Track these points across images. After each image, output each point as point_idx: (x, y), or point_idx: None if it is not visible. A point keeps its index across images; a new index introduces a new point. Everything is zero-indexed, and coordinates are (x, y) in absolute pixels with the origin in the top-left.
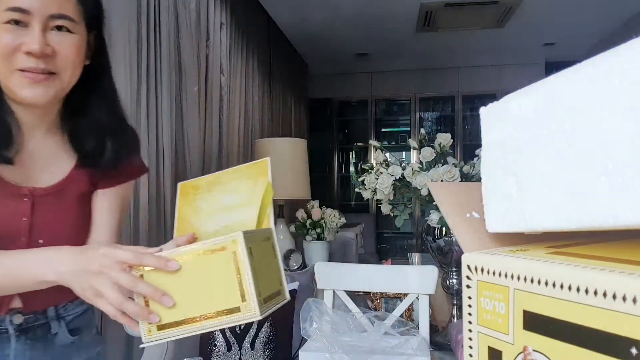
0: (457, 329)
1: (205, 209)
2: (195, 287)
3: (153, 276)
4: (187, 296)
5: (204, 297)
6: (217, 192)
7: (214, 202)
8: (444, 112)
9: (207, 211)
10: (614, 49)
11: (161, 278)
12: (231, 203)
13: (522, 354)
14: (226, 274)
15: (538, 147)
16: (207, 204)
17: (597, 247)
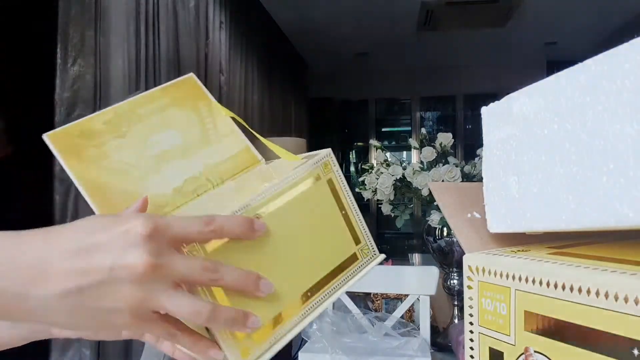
0: (458, 329)
1: (132, 161)
2: (292, 252)
3: (222, 255)
4: (283, 270)
5: (307, 262)
6: (136, 134)
7: (139, 149)
8: (445, 112)
9: (137, 165)
10: (615, 49)
11: (236, 254)
12: (174, 145)
13: (524, 354)
14: (328, 213)
15: (539, 146)
16: (130, 155)
17: (599, 247)
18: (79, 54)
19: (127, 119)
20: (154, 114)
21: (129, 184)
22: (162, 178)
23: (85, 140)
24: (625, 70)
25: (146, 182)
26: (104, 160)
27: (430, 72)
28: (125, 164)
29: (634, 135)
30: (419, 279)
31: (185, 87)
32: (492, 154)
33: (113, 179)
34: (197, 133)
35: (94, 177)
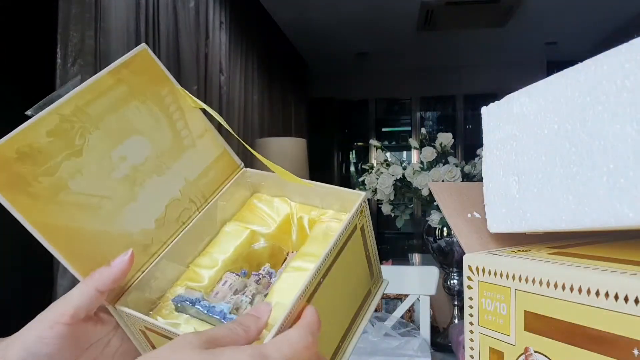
0: (458, 330)
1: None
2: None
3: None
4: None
5: (346, 304)
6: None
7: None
8: (445, 112)
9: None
10: (616, 48)
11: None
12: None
13: (524, 355)
14: (357, 257)
15: (539, 146)
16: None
17: (599, 247)
18: (79, 54)
19: (79, 125)
20: (109, 114)
21: (100, 223)
22: (139, 207)
23: (30, 166)
24: (625, 70)
25: (122, 217)
26: (62, 193)
27: (430, 72)
28: (90, 196)
29: (634, 135)
30: (419, 279)
31: (139, 65)
32: (492, 154)
33: (79, 218)
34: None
35: (54, 220)
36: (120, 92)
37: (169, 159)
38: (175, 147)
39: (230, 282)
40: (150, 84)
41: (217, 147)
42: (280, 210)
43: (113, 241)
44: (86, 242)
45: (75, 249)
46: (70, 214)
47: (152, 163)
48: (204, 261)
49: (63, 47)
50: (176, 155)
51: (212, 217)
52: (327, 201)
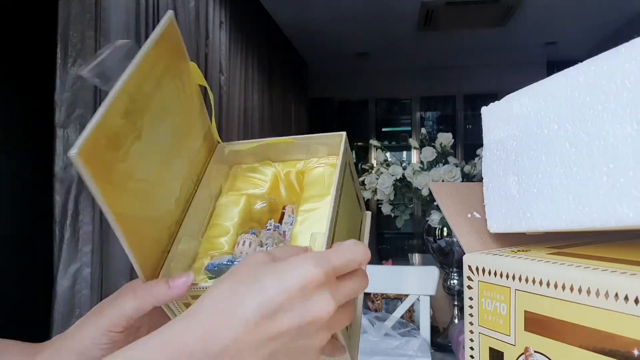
0: (458, 330)
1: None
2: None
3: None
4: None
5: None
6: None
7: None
8: (445, 112)
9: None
10: (616, 49)
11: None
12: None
13: (524, 354)
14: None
15: (539, 146)
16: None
17: (599, 247)
18: (79, 54)
19: (140, 105)
20: (155, 94)
21: (151, 209)
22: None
23: (113, 151)
24: (625, 70)
25: (157, 199)
26: (130, 181)
27: (430, 72)
28: (146, 182)
29: (634, 135)
30: (419, 279)
31: (170, 38)
32: (492, 154)
33: (140, 206)
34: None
35: (125, 208)
36: (160, 69)
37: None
38: (185, 127)
39: (249, 241)
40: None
41: (205, 122)
42: (266, 172)
43: (154, 224)
44: (145, 232)
45: (138, 240)
46: (134, 203)
47: (173, 143)
48: (214, 231)
49: (63, 47)
50: (186, 135)
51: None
52: (312, 151)
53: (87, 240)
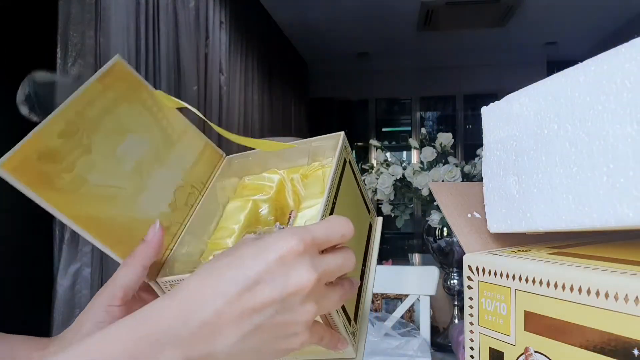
0: (458, 330)
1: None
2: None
3: None
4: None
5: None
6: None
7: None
8: (445, 112)
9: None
10: (616, 49)
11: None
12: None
13: (524, 354)
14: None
15: (539, 146)
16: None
17: (599, 247)
18: (79, 54)
19: (82, 126)
20: (105, 116)
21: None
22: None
23: (51, 164)
24: (625, 70)
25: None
26: (84, 187)
27: (430, 72)
28: (108, 187)
29: (634, 135)
30: (419, 279)
31: (118, 74)
32: (492, 154)
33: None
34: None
35: (83, 210)
36: (109, 97)
37: (164, 152)
38: (166, 142)
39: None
40: (131, 90)
41: (200, 141)
42: (272, 178)
43: (140, 225)
44: (117, 228)
45: (108, 235)
46: (94, 204)
47: (152, 156)
48: (221, 234)
49: (63, 47)
50: (169, 148)
51: (214, 200)
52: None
53: (87, 240)
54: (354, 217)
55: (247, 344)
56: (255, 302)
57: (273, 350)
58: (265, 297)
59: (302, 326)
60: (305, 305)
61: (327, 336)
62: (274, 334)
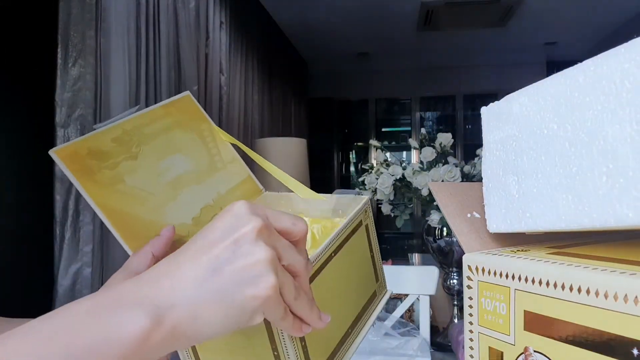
0: (458, 329)
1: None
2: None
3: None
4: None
5: (350, 300)
6: (147, 157)
7: (153, 173)
8: (445, 112)
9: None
10: (615, 49)
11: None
12: (186, 170)
13: (523, 354)
14: (363, 255)
15: (539, 146)
16: (144, 179)
17: (599, 247)
18: (79, 54)
19: (136, 138)
20: (160, 135)
21: (148, 212)
22: (179, 206)
23: (97, 161)
24: (625, 70)
25: (165, 210)
26: (120, 185)
27: (430, 72)
28: (141, 190)
29: (633, 135)
30: (419, 278)
31: (184, 106)
32: (492, 154)
33: (132, 205)
34: (205, 158)
35: (112, 203)
36: (168, 122)
37: (205, 175)
38: (210, 167)
39: None
40: (192, 120)
41: (242, 172)
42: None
43: (159, 228)
44: (137, 225)
45: (127, 229)
46: (124, 200)
47: (191, 176)
48: None
49: (63, 47)
50: (211, 173)
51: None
52: (337, 210)
53: (87, 240)
54: (352, 276)
55: (207, 291)
56: (210, 250)
57: (240, 299)
58: (217, 242)
59: (262, 266)
60: (259, 244)
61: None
62: (235, 278)
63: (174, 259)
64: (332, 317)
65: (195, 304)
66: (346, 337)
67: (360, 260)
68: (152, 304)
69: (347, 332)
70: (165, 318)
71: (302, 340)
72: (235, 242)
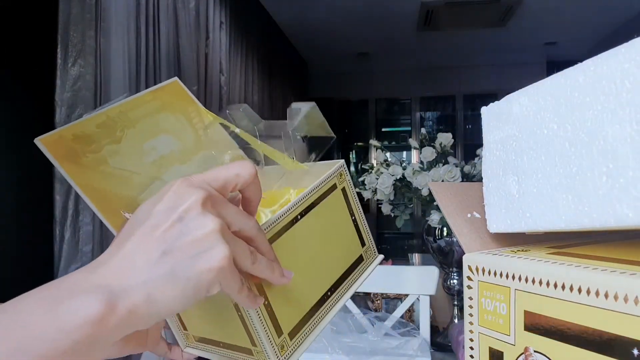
0: (458, 329)
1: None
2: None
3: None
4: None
5: (326, 264)
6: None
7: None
8: (445, 112)
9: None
10: (615, 49)
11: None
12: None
13: (523, 354)
14: (341, 219)
15: (539, 146)
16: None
17: (599, 247)
18: (79, 54)
19: (120, 123)
20: (145, 118)
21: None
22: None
23: (81, 145)
24: (625, 70)
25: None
26: (103, 166)
27: (430, 72)
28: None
29: (633, 135)
30: (419, 279)
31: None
32: (492, 154)
33: (115, 185)
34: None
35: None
36: (155, 105)
37: (191, 153)
38: (196, 146)
39: None
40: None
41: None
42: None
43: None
44: (117, 203)
45: (108, 206)
46: (107, 180)
47: (177, 155)
48: None
49: (63, 47)
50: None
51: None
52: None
53: (87, 240)
54: (329, 239)
55: (160, 273)
56: (156, 232)
57: (194, 275)
58: (162, 223)
59: (211, 238)
60: (205, 216)
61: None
62: (186, 255)
63: (122, 246)
64: (304, 280)
65: (150, 287)
66: (325, 299)
67: (338, 223)
68: (105, 290)
69: (325, 294)
70: (119, 302)
71: (267, 306)
72: (180, 219)
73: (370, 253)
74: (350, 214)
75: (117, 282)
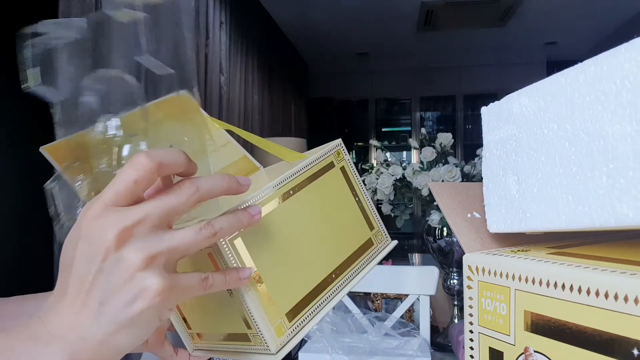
0: (458, 329)
1: None
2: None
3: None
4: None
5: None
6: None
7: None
8: (445, 112)
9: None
10: (615, 49)
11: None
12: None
13: (523, 354)
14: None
15: (539, 146)
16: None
17: (599, 247)
18: None
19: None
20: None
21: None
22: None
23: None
24: (625, 70)
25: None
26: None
27: (430, 72)
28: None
29: (634, 135)
30: (419, 279)
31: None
32: (492, 154)
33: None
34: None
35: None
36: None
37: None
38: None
39: None
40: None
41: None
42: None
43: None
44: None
45: None
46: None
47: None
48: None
49: None
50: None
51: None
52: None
53: None
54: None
55: (105, 321)
56: (84, 289)
57: (135, 316)
58: (86, 277)
59: (138, 277)
60: (123, 256)
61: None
62: (122, 301)
63: (62, 302)
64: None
65: (102, 335)
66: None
67: (340, 203)
68: (64, 343)
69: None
70: (81, 352)
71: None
72: (101, 271)
73: (380, 237)
74: (353, 194)
75: (72, 334)
